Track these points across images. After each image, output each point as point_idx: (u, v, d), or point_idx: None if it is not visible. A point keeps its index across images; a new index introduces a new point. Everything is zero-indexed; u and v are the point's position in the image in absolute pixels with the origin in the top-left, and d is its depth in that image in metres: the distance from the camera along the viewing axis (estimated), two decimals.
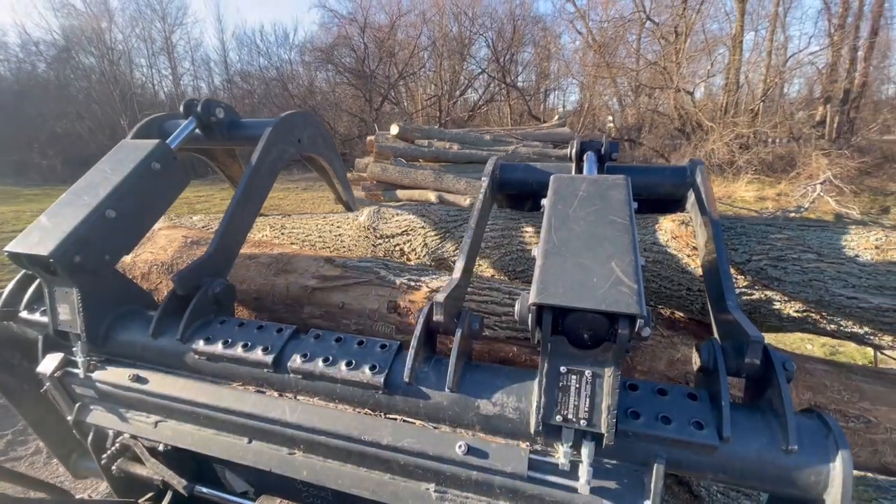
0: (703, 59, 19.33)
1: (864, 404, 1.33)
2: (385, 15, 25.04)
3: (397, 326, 1.52)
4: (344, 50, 24.29)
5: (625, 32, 21.69)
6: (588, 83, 23.44)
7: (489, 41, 25.48)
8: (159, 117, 1.85)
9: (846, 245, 1.36)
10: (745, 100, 18.34)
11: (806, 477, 0.84)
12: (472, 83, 26.45)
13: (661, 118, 19.77)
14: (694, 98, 18.81)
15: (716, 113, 17.58)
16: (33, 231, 1.26)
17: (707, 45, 19.11)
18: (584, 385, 0.88)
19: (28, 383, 1.64)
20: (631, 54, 22.31)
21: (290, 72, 26.66)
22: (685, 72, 18.74)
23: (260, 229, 2.46)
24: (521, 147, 9.22)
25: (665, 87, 19.13)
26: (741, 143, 15.40)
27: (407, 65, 24.47)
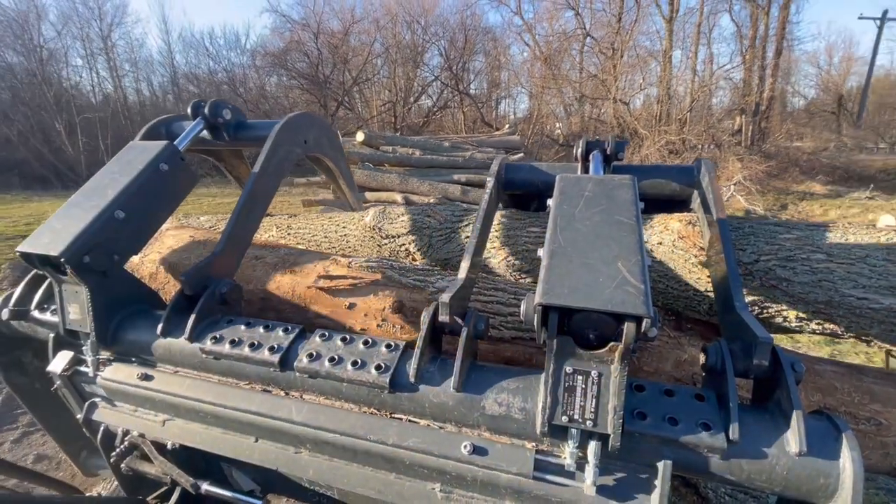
0: (638, 72, 22.07)
1: (875, 406, 1.32)
2: (338, 21, 25.33)
3: (403, 326, 1.52)
4: (297, 55, 24.13)
5: (568, 46, 24.13)
6: (536, 92, 25.10)
7: (442, 49, 26.18)
8: (167, 119, 1.87)
9: (857, 245, 1.34)
10: (674, 110, 20.66)
11: (815, 480, 0.83)
12: (426, 90, 26.89)
13: (602, 126, 21.98)
14: (630, 108, 21.14)
15: (650, 121, 19.77)
16: (44, 232, 1.28)
17: (639, 60, 21.91)
18: (591, 385, 0.88)
19: (39, 382, 1.66)
20: (575, 66, 24.74)
21: (241, 76, 26.32)
22: (622, 84, 21.23)
23: (266, 229, 2.47)
24: (476, 153, 9.97)
25: (604, 98, 21.44)
26: (671, 149, 17.33)
27: (361, 71, 24.56)
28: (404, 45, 25.56)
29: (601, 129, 21.72)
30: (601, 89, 21.57)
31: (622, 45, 21.11)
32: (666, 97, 20.44)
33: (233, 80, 25.79)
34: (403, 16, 25.84)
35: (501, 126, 17.69)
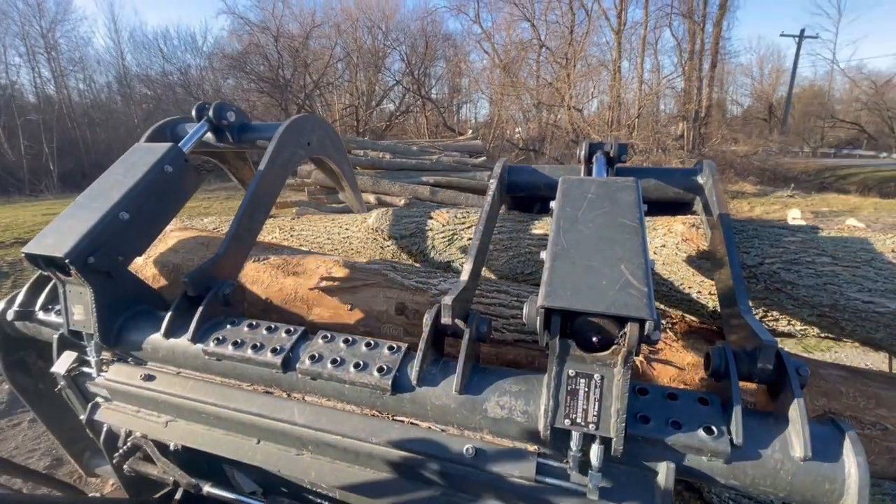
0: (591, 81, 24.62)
1: (881, 411, 1.30)
2: (298, 25, 24.99)
3: (405, 328, 1.52)
4: (256, 58, 23.71)
5: (525, 55, 25.55)
6: (496, 99, 26.23)
7: (403, 55, 26.48)
8: (172, 121, 1.88)
9: (862, 249, 1.33)
10: (624, 116, 22.62)
11: (820, 485, 0.82)
12: (388, 94, 27.14)
13: (559, 131, 23.33)
14: (584, 114, 23.20)
15: (602, 127, 21.64)
16: (49, 233, 1.29)
17: (590, 69, 24.13)
18: (593, 389, 0.87)
19: (43, 382, 1.67)
20: (532, 74, 26.06)
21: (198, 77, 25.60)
22: (575, 92, 23.48)
23: (270, 231, 2.48)
24: (443, 157, 10.66)
25: (560, 105, 23.04)
26: None
27: (322, 75, 24.47)
28: (365, 50, 25.70)
29: (557, 133, 23.15)
30: (556, 96, 23.19)
31: (575, 56, 23.11)
32: (616, 104, 22.69)
33: (188, 82, 25.06)
34: (364, 21, 26.05)
35: (464, 130, 19.40)
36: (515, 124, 26.86)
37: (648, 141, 19.52)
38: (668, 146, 19.64)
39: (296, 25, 25.11)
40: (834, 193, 16.10)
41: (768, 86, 36.63)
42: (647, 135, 20.09)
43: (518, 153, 22.48)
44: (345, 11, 26.46)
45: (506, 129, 25.95)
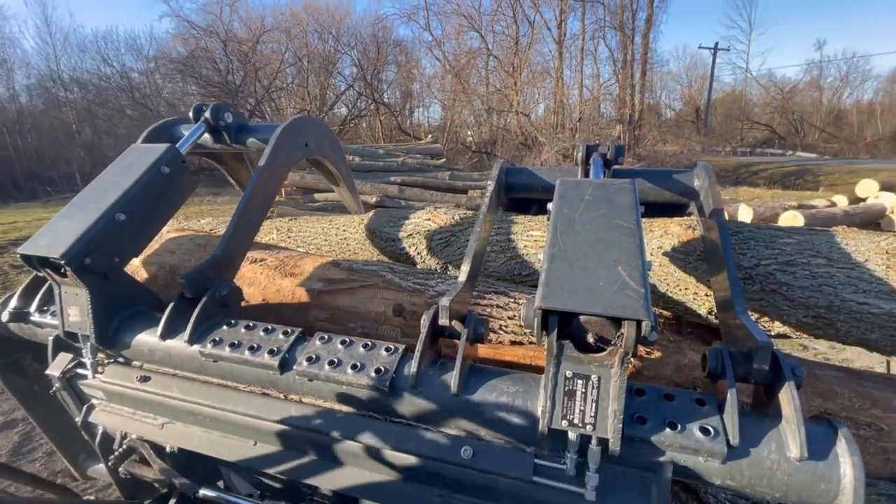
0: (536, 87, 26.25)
1: (876, 411, 1.31)
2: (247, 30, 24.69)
3: (403, 330, 1.52)
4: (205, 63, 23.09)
5: (475, 62, 27.28)
6: (448, 104, 27.94)
7: (355, 60, 27.01)
8: (169, 122, 1.88)
9: (857, 250, 1.34)
10: (567, 120, 24.40)
11: (816, 485, 0.83)
12: (340, 99, 27.56)
13: (508, 134, 24.81)
14: (531, 119, 24.81)
15: (547, 130, 23.49)
16: (44, 234, 1.28)
17: (534, 77, 25.85)
18: (590, 390, 0.87)
19: (38, 384, 1.66)
20: (481, 81, 27.85)
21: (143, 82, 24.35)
22: (522, 98, 24.87)
23: (266, 232, 2.48)
24: (407, 159, 11.73)
25: (508, 111, 24.91)
26: (565, 154, 20.13)
27: (274, 80, 24.37)
28: (317, 55, 25.85)
29: (507, 137, 24.69)
30: (505, 102, 25.00)
31: (521, 64, 24.84)
32: (560, 109, 24.75)
33: (130, 86, 23.69)
34: (314, 25, 26.29)
35: (418, 134, 21.67)
36: (467, 128, 28.16)
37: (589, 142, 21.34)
38: None
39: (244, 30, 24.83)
40: (746, 187, 18.08)
41: (695, 91, 40.28)
42: (587, 137, 21.68)
43: (471, 156, 23.51)
44: (294, 16, 26.55)
45: (459, 132, 27.13)
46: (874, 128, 34.42)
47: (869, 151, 30.47)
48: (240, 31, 24.80)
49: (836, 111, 38.28)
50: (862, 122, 36.02)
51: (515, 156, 22.65)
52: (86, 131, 21.91)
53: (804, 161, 25.43)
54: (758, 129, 38.37)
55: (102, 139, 21.69)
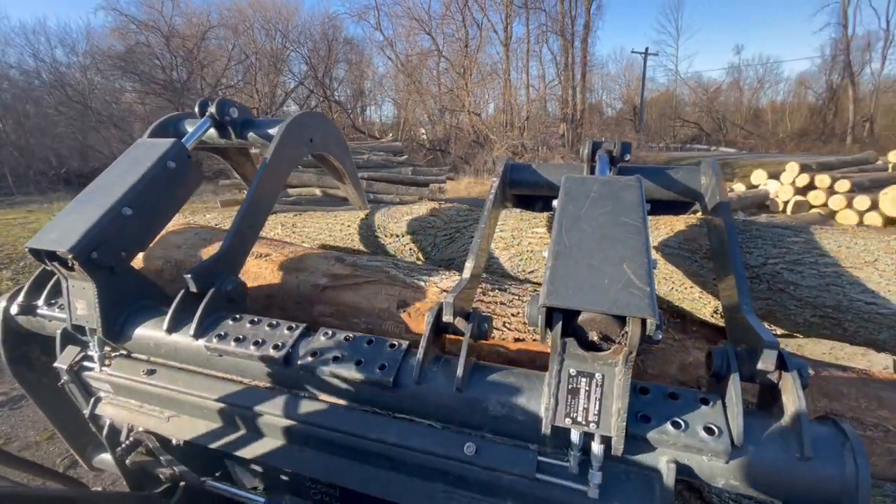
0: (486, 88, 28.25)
1: (883, 412, 1.30)
2: (191, 25, 23.80)
3: (406, 326, 1.52)
4: (147, 59, 21.92)
5: (426, 62, 28.84)
6: (402, 102, 29.09)
7: (305, 57, 27.34)
8: (175, 116, 1.88)
9: (865, 250, 1.33)
10: (516, 119, 26.36)
11: (822, 486, 0.82)
12: (290, 96, 27.48)
13: (461, 132, 26.30)
14: (482, 117, 26.63)
15: (498, 128, 25.24)
16: (52, 228, 1.30)
17: (483, 78, 27.83)
18: (594, 388, 0.87)
19: (46, 377, 1.68)
20: (433, 81, 29.28)
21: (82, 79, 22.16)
22: (473, 98, 26.70)
23: (271, 227, 2.48)
24: (372, 156, 12.38)
25: (460, 110, 26.43)
26: (514, 151, 22.02)
27: (221, 77, 23.77)
28: (265, 52, 25.63)
29: (460, 135, 26.02)
30: (458, 102, 26.45)
31: (470, 65, 26.71)
32: (509, 108, 26.71)
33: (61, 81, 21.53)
34: (262, 23, 26.12)
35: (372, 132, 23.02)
36: (421, 126, 29.00)
37: (536, 140, 23.24)
38: (553, 145, 23.39)
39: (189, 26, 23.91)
40: None
41: (633, 91, 43.16)
42: (534, 135, 23.84)
43: (426, 153, 24.06)
44: (240, 13, 26.10)
45: (413, 130, 27.96)
46: (785, 125, 40.07)
47: (779, 146, 34.44)
48: (183, 27, 23.74)
49: (753, 110, 43.88)
50: (775, 120, 41.61)
51: (468, 153, 24.02)
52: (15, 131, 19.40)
53: (725, 155, 28.55)
54: (688, 127, 43.32)
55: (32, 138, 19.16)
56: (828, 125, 35.74)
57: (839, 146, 29.76)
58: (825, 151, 26.77)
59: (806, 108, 40.21)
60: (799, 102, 41.68)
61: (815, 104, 38.79)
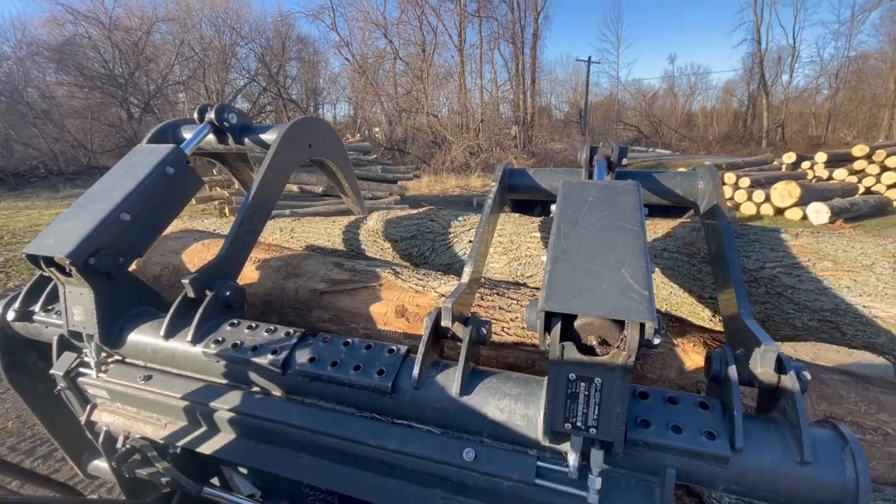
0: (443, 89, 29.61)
1: (882, 416, 1.30)
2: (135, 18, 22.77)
3: (405, 331, 1.52)
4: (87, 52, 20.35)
5: (383, 62, 30.02)
6: (359, 101, 29.86)
7: (257, 54, 27.30)
8: (174, 122, 1.89)
9: (863, 253, 1.33)
10: (471, 121, 27.39)
11: (822, 490, 0.82)
12: (241, 92, 27.20)
13: (420, 133, 27.51)
14: (440, 119, 27.48)
15: (454, 129, 26.14)
16: (50, 234, 1.29)
17: (439, 80, 28.97)
18: (594, 392, 0.87)
19: (42, 383, 1.67)
20: (390, 81, 30.36)
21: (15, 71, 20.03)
22: (430, 100, 27.46)
23: (270, 232, 2.48)
24: None
25: (418, 111, 27.48)
26: (471, 151, 23.23)
27: (168, 73, 22.98)
28: (215, 48, 25.21)
29: (419, 135, 27.17)
30: (415, 103, 27.44)
31: (427, 68, 27.69)
32: (464, 110, 28.14)
33: None
34: (211, 18, 25.72)
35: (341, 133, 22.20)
36: (378, 124, 29.60)
37: (491, 141, 24.43)
38: (506, 146, 24.58)
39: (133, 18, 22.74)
40: None
41: (579, 95, 45.60)
42: (489, 136, 25.00)
43: (384, 152, 24.39)
44: (187, 7, 25.41)
45: (370, 129, 28.36)
46: (714, 129, 44.23)
47: (707, 148, 38.62)
48: (126, 20, 22.55)
49: (687, 115, 48.43)
50: (706, 124, 46.39)
51: (427, 153, 25.22)
52: None
53: (661, 156, 31.66)
54: (629, 130, 47.25)
55: None
56: (748, 129, 40.12)
57: (756, 149, 33.12)
58: (744, 153, 29.55)
59: (731, 114, 45.01)
60: (726, 108, 46.68)
61: (739, 110, 43.72)
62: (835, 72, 34.07)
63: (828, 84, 34.68)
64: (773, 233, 1.50)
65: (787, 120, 35.08)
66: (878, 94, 29.86)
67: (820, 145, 28.59)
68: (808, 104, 36.51)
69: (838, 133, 32.31)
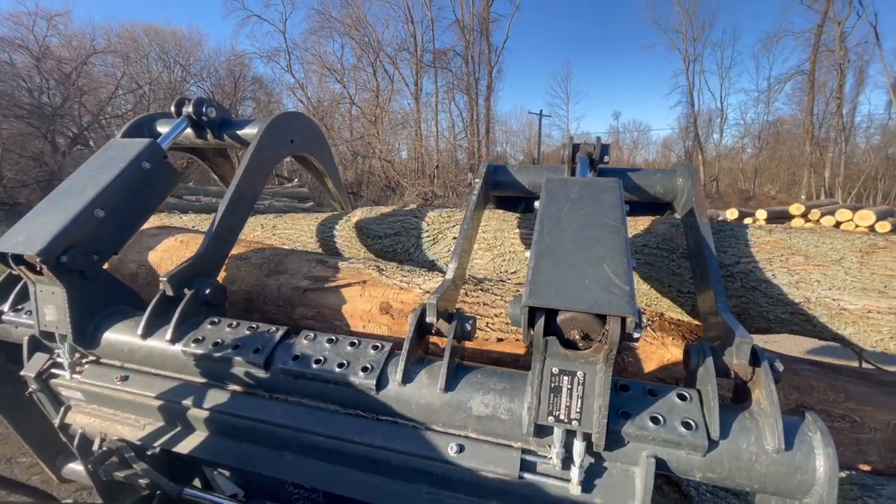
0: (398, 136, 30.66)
1: (850, 404, 1.36)
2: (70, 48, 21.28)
3: (389, 327, 1.51)
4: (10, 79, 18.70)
5: (338, 107, 30.75)
6: None
7: (208, 93, 26.81)
8: (150, 116, 1.83)
9: (832, 248, 1.38)
10: (426, 167, 28.10)
11: (793, 476, 0.85)
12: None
13: (373, 177, 27.86)
14: (394, 164, 28.13)
15: (409, 175, 26.74)
16: (19, 230, 1.24)
17: (394, 127, 29.91)
18: (576, 386, 0.88)
19: (12, 386, 1.61)
20: (346, 125, 31.30)
21: None
22: (385, 145, 28.16)
23: (251, 229, 2.44)
24: (274, 202, 12.62)
25: (371, 157, 27.96)
26: (424, 197, 23.59)
27: (106, 106, 21.87)
28: (162, 84, 24.65)
29: (372, 180, 27.38)
30: (369, 148, 27.95)
31: (382, 114, 28.50)
32: (419, 157, 28.65)
33: None
34: (159, 53, 25.32)
35: (280, 171, 22.15)
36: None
37: (446, 187, 24.98)
38: (461, 192, 24.73)
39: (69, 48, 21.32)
40: None
41: (533, 145, 45.11)
42: (444, 182, 25.87)
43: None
44: (133, 40, 24.78)
45: None
46: None
47: None
48: (61, 49, 21.01)
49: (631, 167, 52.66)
50: None
51: (381, 196, 25.31)
52: None
53: None
54: None
55: None
56: None
57: None
58: None
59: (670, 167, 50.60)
60: (665, 162, 48.65)
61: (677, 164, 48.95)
62: (757, 133, 37.67)
63: (752, 144, 38.31)
64: (748, 229, 1.54)
65: (720, 174, 37.34)
66: (796, 154, 32.90)
67: (750, 199, 31.41)
68: (737, 161, 39.23)
69: (764, 187, 35.10)
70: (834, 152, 28.27)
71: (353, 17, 29.28)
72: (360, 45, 29.23)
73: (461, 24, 30.41)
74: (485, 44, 31.04)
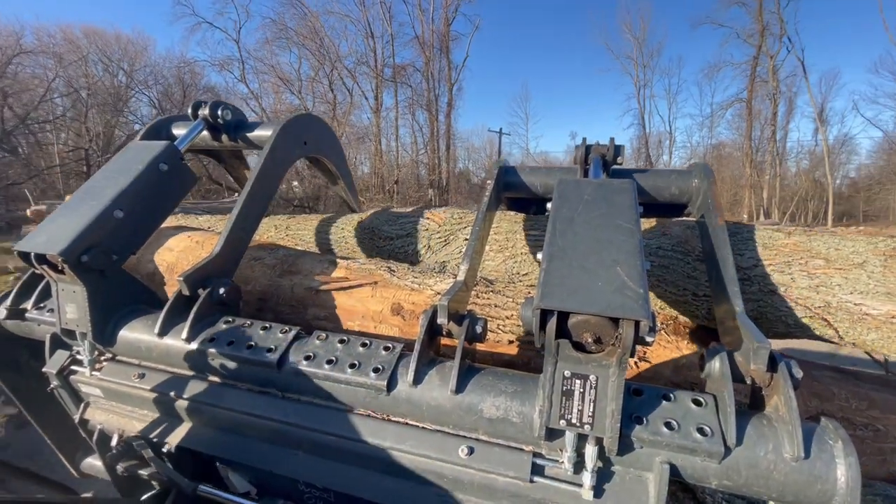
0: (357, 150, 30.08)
1: (874, 412, 1.32)
2: None
3: (401, 329, 1.52)
4: None
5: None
6: None
7: (154, 100, 26.07)
8: (168, 119, 1.87)
9: (854, 252, 1.35)
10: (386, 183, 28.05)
11: (813, 485, 0.83)
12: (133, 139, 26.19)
13: (330, 192, 26.48)
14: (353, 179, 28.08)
15: (369, 191, 26.43)
16: (42, 231, 1.28)
17: (354, 141, 29.14)
18: (589, 389, 0.87)
19: (35, 382, 1.65)
20: None
21: None
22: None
23: (265, 230, 2.47)
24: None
25: None
26: None
27: (34, 109, 20.55)
28: (101, 88, 23.36)
29: (329, 194, 26.22)
30: None
31: (339, 128, 27.33)
32: (380, 171, 28.43)
33: None
34: (99, 56, 24.09)
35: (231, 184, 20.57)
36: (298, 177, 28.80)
37: (405, 203, 24.69)
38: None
39: None
40: None
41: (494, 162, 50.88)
42: (404, 198, 25.85)
43: (294, 209, 23.24)
44: (69, 41, 23.39)
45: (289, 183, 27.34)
46: None
47: None
48: None
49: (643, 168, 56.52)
50: None
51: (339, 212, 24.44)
52: None
53: None
54: None
55: None
56: None
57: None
58: None
59: None
60: None
61: None
62: (702, 155, 38.50)
63: None
64: (765, 232, 1.51)
65: None
66: (737, 175, 34.15)
67: None
68: None
69: None
70: (770, 174, 30.35)
71: (310, 28, 28.51)
72: (316, 57, 28.65)
73: (421, 41, 30.78)
74: (445, 61, 31.30)
